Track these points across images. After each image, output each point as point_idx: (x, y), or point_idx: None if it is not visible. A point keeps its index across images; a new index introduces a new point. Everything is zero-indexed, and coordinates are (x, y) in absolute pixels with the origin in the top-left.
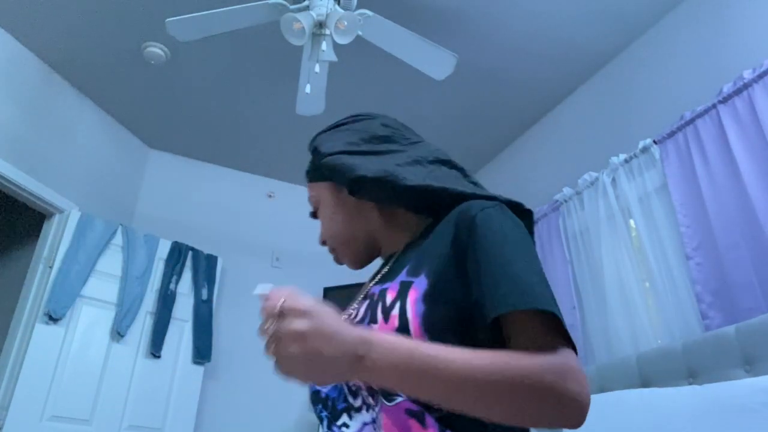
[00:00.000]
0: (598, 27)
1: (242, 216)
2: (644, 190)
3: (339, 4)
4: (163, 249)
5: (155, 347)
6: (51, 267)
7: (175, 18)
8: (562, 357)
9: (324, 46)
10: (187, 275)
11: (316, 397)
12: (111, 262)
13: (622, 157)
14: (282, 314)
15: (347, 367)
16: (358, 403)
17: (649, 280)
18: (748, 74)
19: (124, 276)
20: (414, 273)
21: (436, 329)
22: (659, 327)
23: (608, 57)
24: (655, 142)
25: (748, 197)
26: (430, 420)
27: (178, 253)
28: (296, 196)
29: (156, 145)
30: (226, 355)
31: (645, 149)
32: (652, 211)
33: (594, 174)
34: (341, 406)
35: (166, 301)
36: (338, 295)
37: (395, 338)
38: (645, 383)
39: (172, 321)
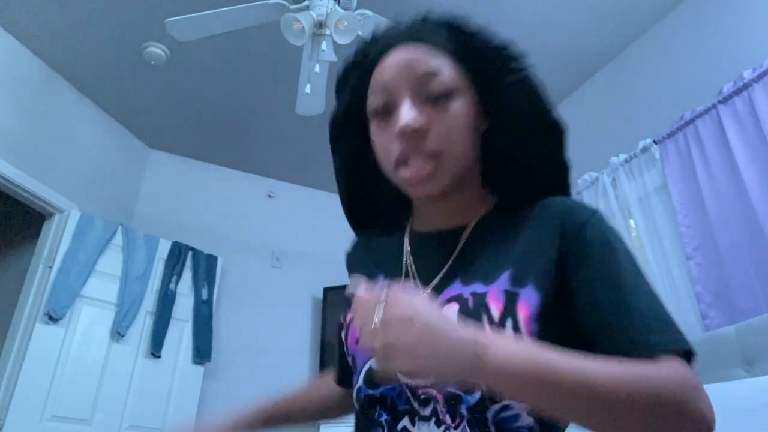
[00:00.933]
0: (598, 27)
1: (242, 216)
2: (644, 190)
3: (339, 4)
4: (163, 249)
5: (155, 347)
6: (51, 267)
7: (175, 18)
8: (687, 372)
9: (324, 46)
10: (187, 275)
11: (369, 401)
12: (111, 262)
13: (622, 157)
14: (389, 303)
15: (468, 362)
16: (426, 412)
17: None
18: (748, 74)
19: (124, 276)
20: (519, 282)
21: None
22: None
23: (608, 57)
24: (655, 142)
25: (748, 197)
26: None
27: (178, 253)
28: (296, 196)
29: (156, 145)
30: (226, 355)
31: (645, 149)
32: (652, 211)
33: (594, 174)
34: (402, 407)
35: (166, 301)
36: (338, 296)
37: (514, 341)
38: None
39: (172, 321)
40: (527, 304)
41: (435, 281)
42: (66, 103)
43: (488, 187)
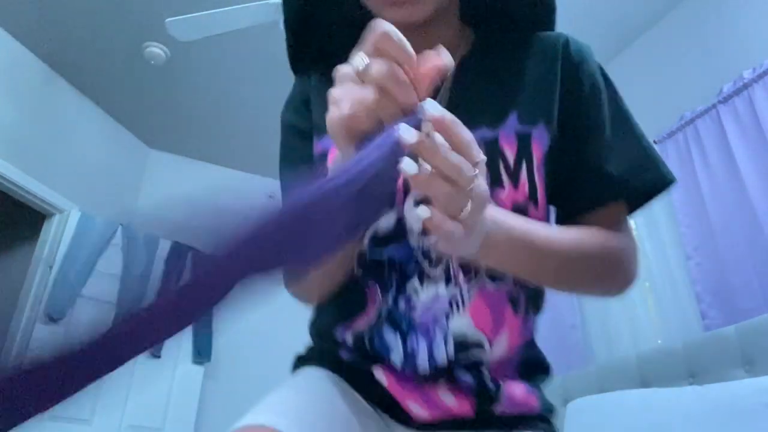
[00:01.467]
0: (597, 28)
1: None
2: None
3: None
4: (163, 249)
5: (155, 347)
6: (51, 267)
7: (175, 18)
8: (633, 241)
9: None
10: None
11: (374, 265)
12: (111, 262)
13: None
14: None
15: (481, 241)
16: (436, 272)
17: (649, 280)
18: (748, 74)
19: (124, 276)
20: (529, 121)
21: (549, 196)
22: (659, 327)
23: (607, 57)
24: (655, 142)
25: (748, 197)
26: (522, 305)
27: (178, 253)
28: None
29: (156, 145)
30: (226, 355)
31: None
32: (652, 211)
33: None
34: (411, 268)
35: None
36: None
37: (510, 215)
38: (645, 383)
39: None
40: (540, 143)
41: None
42: (66, 103)
43: (466, 22)
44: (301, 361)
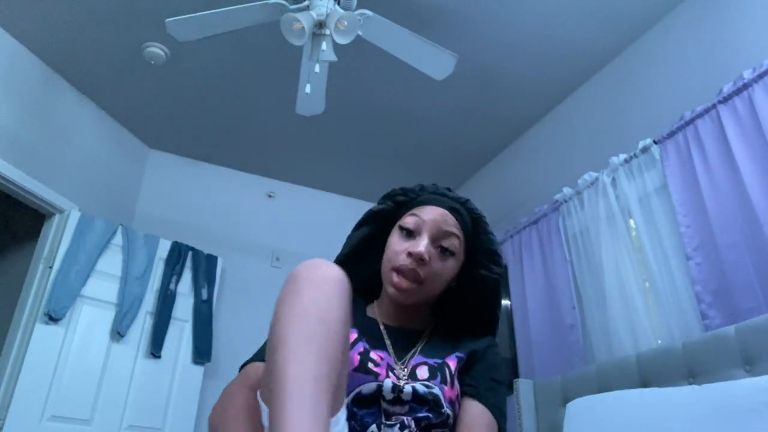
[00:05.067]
0: (597, 27)
1: (242, 216)
2: (644, 190)
3: (339, 4)
4: (163, 249)
5: (155, 347)
6: (51, 267)
7: (175, 18)
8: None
9: (324, 46)
10: (187, 275)
11: (349, 415)
12: (111, 262)
13: (622, 157)
14: None
15: None
16: (391, 422)
17: (649, 280)
18: (748, 74)
19: (124, 276)
20: (459, 356)
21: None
22: (659, 327)
23: (608, 57)
24: (655, 142)
25: (748, 197)
26: None
27: (178, 253)
28: (296, 196)
29: (156, 145)
30: (226, 355)
31: (645, 149)
32: (652, 211)
33: (594, 174)
34: (374, 421)
35: (166, 301)
36: None
37: None
38: (645, 383)
39: (172, 321)
40: (458, 360)
41: (406, 357)
42: (66, 103)
43: (434, 313)
44: None
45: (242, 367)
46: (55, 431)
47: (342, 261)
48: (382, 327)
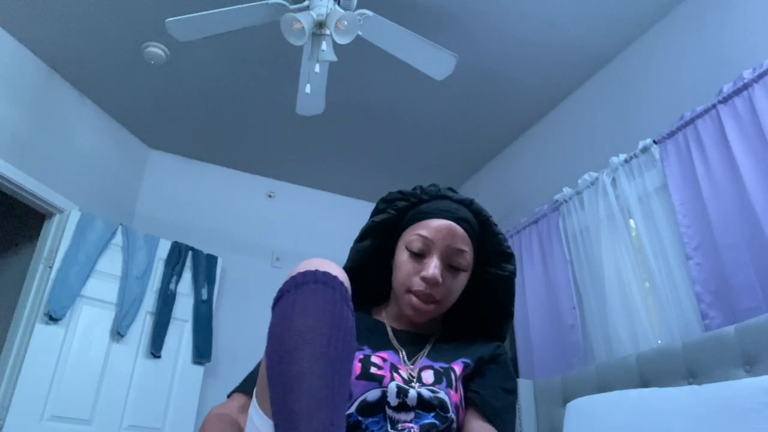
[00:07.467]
0: (597, 27)
1: (242, 216)
2: (644, 190)
3: (339, 4)
4: (163, 249)
5: (155, 347)
6: (51, 267)
7: (175, 18)
8: None
9: (324, 46)
10: (187, 275)
11: (354, 426)
12: (111, 262)
13: (622, 157)
14: None
15: None
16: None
17: (649, 280)
18: (748, 74)
19: (124, 276)
20: (466, 362)
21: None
22: (659, 327)
23: (608, 57)
24: (655, 142)
25: (748, 197)
26: None
27: (178, 253)
28: (296, 196)
29: (156, 145)
30: (226, 355)
31: (645, 149)
32: (652, 211)
33: (594, 174)
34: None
35: (166, 301)
36: None
37: None
38: (645, 383)
39: (172, 321)
40: (464, 366)
41: (414, 359)
42: (66, 103)
43: (443, 318)
44: None
45: (229, 395)
46: (55, 431)
47: (349, 274)
48: (389, 329)
